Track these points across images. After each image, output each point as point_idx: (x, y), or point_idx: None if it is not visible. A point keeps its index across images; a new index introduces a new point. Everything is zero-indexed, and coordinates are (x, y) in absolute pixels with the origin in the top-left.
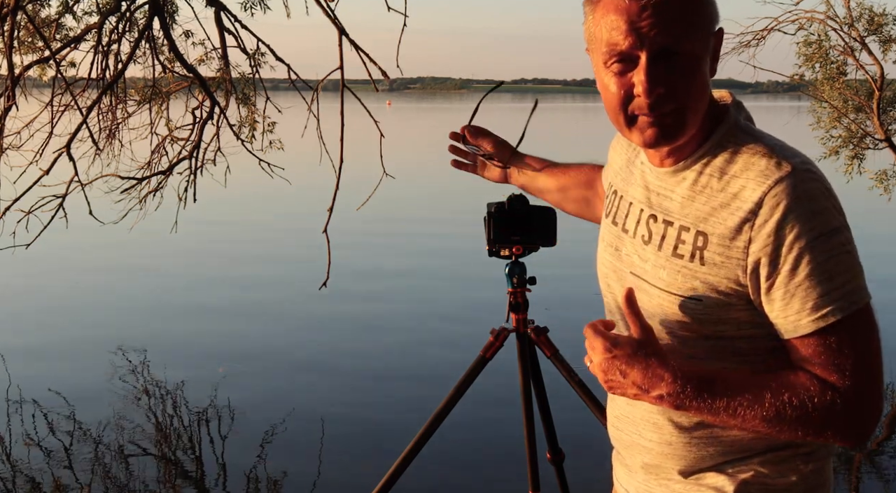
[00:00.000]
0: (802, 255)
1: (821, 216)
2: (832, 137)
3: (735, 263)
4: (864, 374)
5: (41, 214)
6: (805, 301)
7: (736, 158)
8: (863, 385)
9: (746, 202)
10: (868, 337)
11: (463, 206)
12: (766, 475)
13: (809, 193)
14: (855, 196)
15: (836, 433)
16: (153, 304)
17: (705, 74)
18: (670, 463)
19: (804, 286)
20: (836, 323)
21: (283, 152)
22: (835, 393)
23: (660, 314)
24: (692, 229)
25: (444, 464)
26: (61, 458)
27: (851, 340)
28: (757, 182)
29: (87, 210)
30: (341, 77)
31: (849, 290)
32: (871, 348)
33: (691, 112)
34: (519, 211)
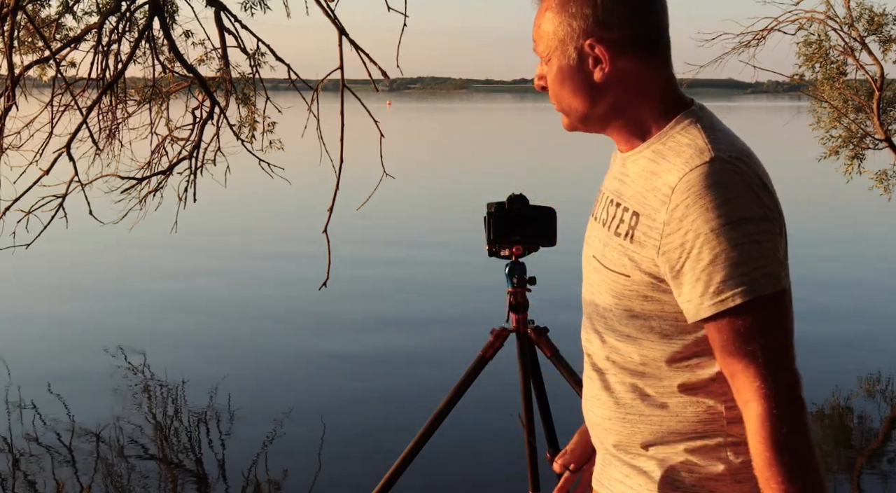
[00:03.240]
0: (708, 241)
1: (730, 205)
2: (832, 137)
3: (652, 243)
4: (769, 357)
5: (41, 214)
6: (707, 286)
7: (675, 145)
8: (770, 367)
9: (665, 186)
10: (770, 325)
11: (463, 206)
12: (693, 463)
13: (723, 182)
14: (855, 196)
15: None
16: (153, 304)
17: (572, 79)
18: (611, 439)
19: (707, 271)
20: (737, 308)
21: (283, 152)
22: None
23: (606, 291)
24: (630, 210)
25: (444, 464)
26: (61, 458)
27: (755, 325)
28: (678, 167)
29: (87, 210)
30: (341, 77)
31: (753, 277)
32: (773, 333)
33: (569, 110)
34: (519, 211)
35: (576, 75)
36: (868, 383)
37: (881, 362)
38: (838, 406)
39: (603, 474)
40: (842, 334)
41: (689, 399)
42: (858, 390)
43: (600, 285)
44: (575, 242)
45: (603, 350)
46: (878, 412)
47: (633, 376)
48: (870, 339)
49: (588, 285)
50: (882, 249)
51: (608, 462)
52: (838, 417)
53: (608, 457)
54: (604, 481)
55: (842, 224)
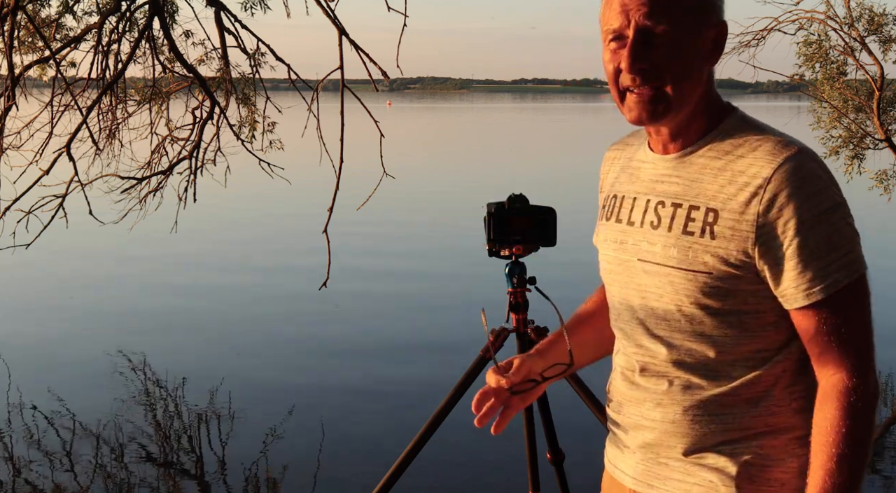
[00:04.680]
0: (812, 228)
1: (825, 192)
2: (832, 137)
3: (744, 235)
4: (862, 340)
5: (41, 214)
6: (816, 271)
7: (743, 142)
8: (861, 352)
9: (756, 178)
10: (866, 302)
11: (463, 206)
12: (765, 457)
13: (814, 171)
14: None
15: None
16: (153, 304)
17: (691, 58)
18: (673, 441)
19: (815, 256)
20: (843, 289)
21: (283, 152)
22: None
23: (670, 293)
24: (702, 207)
25: (444, 464)
26: (61, 458)
27: (855, 305)
28: (766, 160)
29: (87, 210)
30: (341, 77)
31: (851, 259)
32: (867, 312)
33: (674, 91)
34: (519, 211)
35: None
36: None
37: (881, 363)
38: None
39: (650, 474)
40: None
41: (759, 395)
42: None
43: (660, 287)
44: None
45: (670, 354)
46: (878, 412)
47: (704, 377)
48: None
49: (632, 291)
50: (882, 249)
51: (657, 463)
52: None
53: (660, 458)
54: (654, 482)
55: None
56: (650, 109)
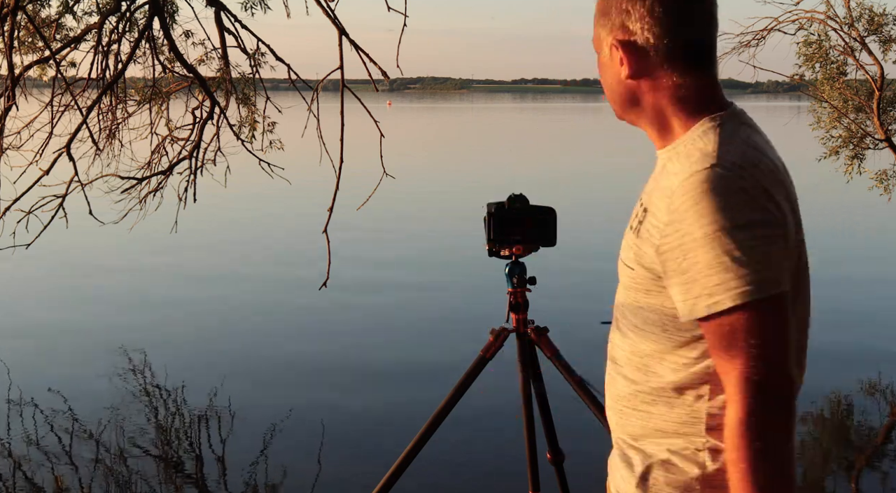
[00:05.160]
0: (702, 245)
1: (727, 211)
2: (832, 137)
3: (652, 240)
4: (757, 358)
5: (41, 214)
6: (703, 287)
7: (688, 149)
8: (756, 367)
9: (668, 188)
10: (763, 327)
11: (463, 206)
12: (672, 464)
13: (719, 188)
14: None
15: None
16: (153, 304)
17: (610, 73)
18: (612, 426)
19: (703, 273)
20: (729, 311)
21: (283, 152)
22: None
23: (621, 284)
24: (643, 205)
25: (444, 464)
26: (61, 458)
27: (745, 327)
28: (682, 170)
29: (87, 210)
30: (341, 77)
31: (747, 281)
32: (765, 337)
33: (609, 99)
34: (519, 211)
35: (609, 68)
36: (868, 384)
37: (881, 363)
38: (838, 407)
39: (610, 457)
40: (842, 334)
41: (676, 399)
42: (858, 390)
43: (621, 278)
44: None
45: (614, 341)
46: (878, 412)
47: (634, 370)
48: (870, 339)
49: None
50: (882, 249)
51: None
52: (838, 417)
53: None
54: (610, 464)
55: (842, 224)
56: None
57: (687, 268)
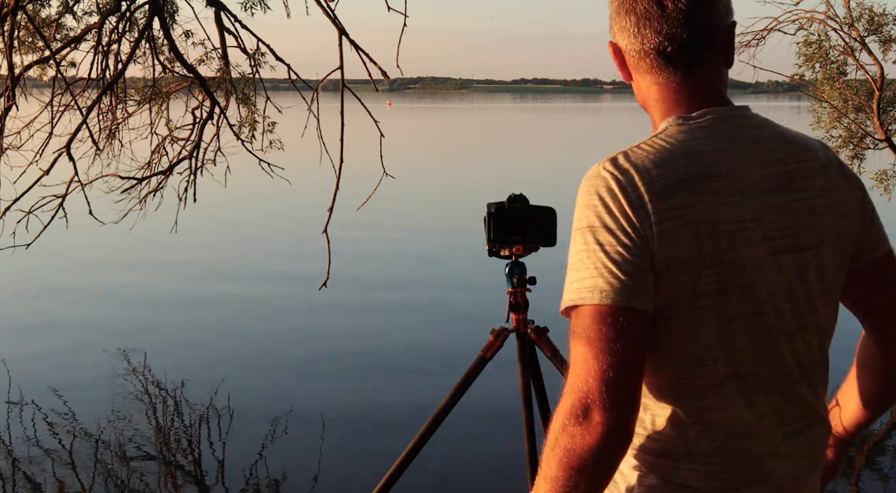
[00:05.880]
0: (571, 241)
1: (587, 210)
2: (832, 137)
3: None
4: (575, 368)
5: (41, 214)
6: (565, 284)
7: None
8: (572, 379)
9: None
10: (587, 338)
11: (463, 206)
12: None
13: (589, 187)
14: None
15: (558, 429)
16: (153, 304)
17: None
18: None
19: (568, 270)
20: (565, 312)
21: (283, 152)
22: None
23: None
24: None
25: (445, 464)
26: (61, 458)
27: (573, 333)
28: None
29: (87, 210)
30: (341, 77)
31: (580, 286)
32: (585, 347)
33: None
34: (519, 211)
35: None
36: None
37: None
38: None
39: None
40: (841, 334)
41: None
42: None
43: None
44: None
45: None
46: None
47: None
48: None
49: None
50: None
51: None
52: None
53: None
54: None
55: None
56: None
57: (566, 263)
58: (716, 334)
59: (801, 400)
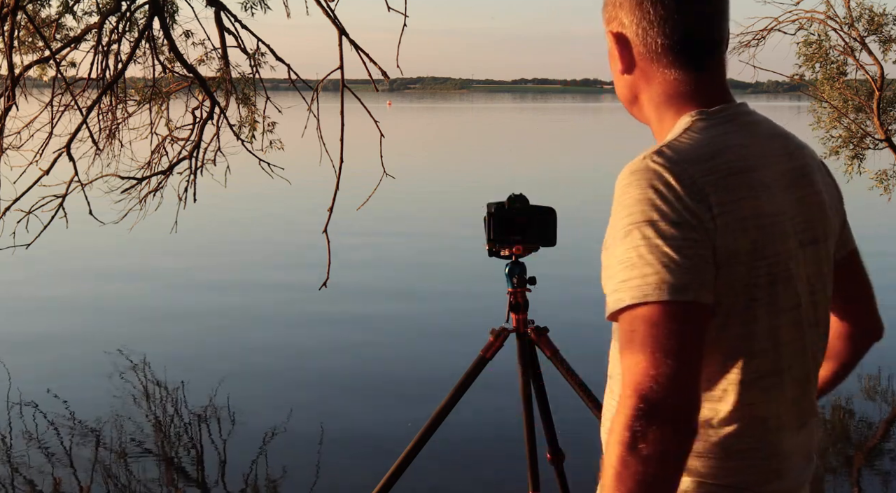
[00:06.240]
0: (614, 241)
1: (642, 205)
2: (832, 137)
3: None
4: (639, 367)
5: (41, 214)
6: (612, 283)
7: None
8: (635, 379)
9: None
10: (658, 332)
11: (463, 206)
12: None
13: (632, 183)
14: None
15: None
16: (153, 304)
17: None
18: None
19: (612, 271)
20: (624, 311)
21: (283, 152)
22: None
23: None
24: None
25: (444, 464)
26: (61, 458)
27: (634, 332)
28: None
29: (87, 210)
30: (341, 77)
31: (642, 283)
32: (658, 343)
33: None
34: (519, 211)
35: (614, 63)
36: (868, 383)
37: (881, 362)
38: (838, 406)
39: None
40: None
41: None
42: (858, 389)
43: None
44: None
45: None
46: (878, 411)
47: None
48: None
49: None
50: (882, 249)
51: None
52: (838, 416)
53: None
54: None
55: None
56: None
57: (608, 264)
58: (765, 328)
59: (812, 393)
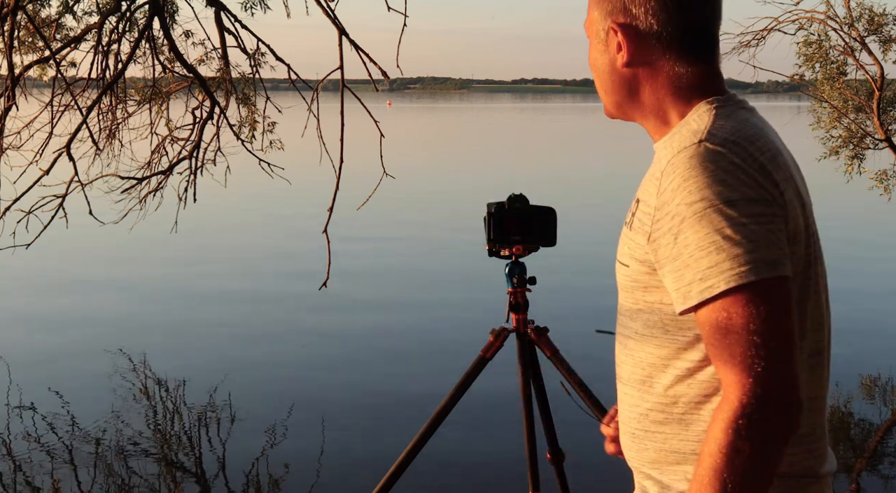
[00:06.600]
0: (692, 225)
1: (717, 187)
2: (832, 137)
3: (644, 229)
4: (748, 353)
5: (41, 214)
6: (695, 272)
7: (682, 131)
8: (756, 369)
9: (658, 171)
10: (760, 315)
11: (463, 206)
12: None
13: (707, 164)
14: (855, 196)
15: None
16: (153, 304)
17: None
18: (626, 451)
19: (694, 256)
20: (724, 294)
21: (283, 152)
22: (731, 399)
23: (620, 288)
24: (636, 197)
25: (444, 464)
26: (61, 458)
27: (741, 314)
28: (670, 151)
29: (88, 210)
30: (341, 77)
31: (742, 261)
32: (763, 325)
33: (600, 90)
34: (519, 211)
35: (601, 56)
36: (868, 383)
37: (881, 362)
38: (838, 406)
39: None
40: (841, 334)
41: (691, 415)
42: (858, 389)
43: (619, 281)
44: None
45: (618, 356)
46: (878, 412)
47: (639, 385)
48: (870, 339)
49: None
50: (882, 249)
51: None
52: (838, 417)
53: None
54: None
55: (841, 224)
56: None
57: (678, 253)
58: (813, 307)
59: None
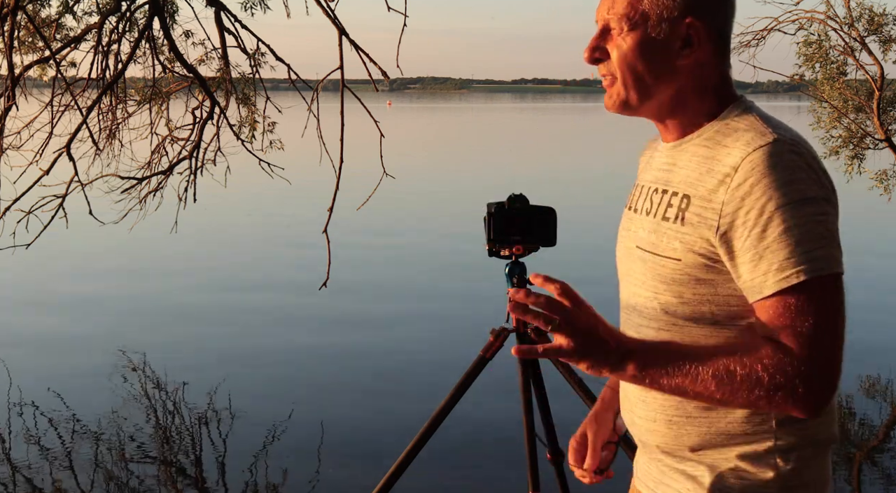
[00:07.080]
0: (772, 219)
1: (795, 185)
2: (832, 137)
3: (709, 223)
4: (820, 339)
5: (41, 214)
6: (771, 263)
7: (730, 130)
8: (817, 350)
9: (726, 166)
10: (830, 305)
11: (463, 206)
12: (742, 469)
13: (786, 162)
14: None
15: (787, 396)
16: (153, 304)
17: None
18: (656, 441)
19: (772, 249)
20: (799, 285)
21: (283, 152)
22: (787, 356)
23: (650, 279)
24: (680, 194)
25: (445, 464)
26: (61, 458)
27: (813, 304)
28: (740, 149)
29: (88, 210)
30: (341, 77)
31: (816, 256)
32: (831, 316)
33: (624, 83)
34: (519, 211)
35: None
36: (868, 383)
37: (881, 362)
38: (838, 405)
39: (647, 475)
40: None
41: None
42: (858, 389)
43: (645, 274)
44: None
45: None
46: (878, 411)
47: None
48: (870, 338)
49: (629, 279)
50: (882, 249)
51: (652, 463)
52: (838, 416)
53: (653, 459)
54: (648, 483)
55: (841, 224)
56: (612, 100)
57: (754, 244)
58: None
59: None
